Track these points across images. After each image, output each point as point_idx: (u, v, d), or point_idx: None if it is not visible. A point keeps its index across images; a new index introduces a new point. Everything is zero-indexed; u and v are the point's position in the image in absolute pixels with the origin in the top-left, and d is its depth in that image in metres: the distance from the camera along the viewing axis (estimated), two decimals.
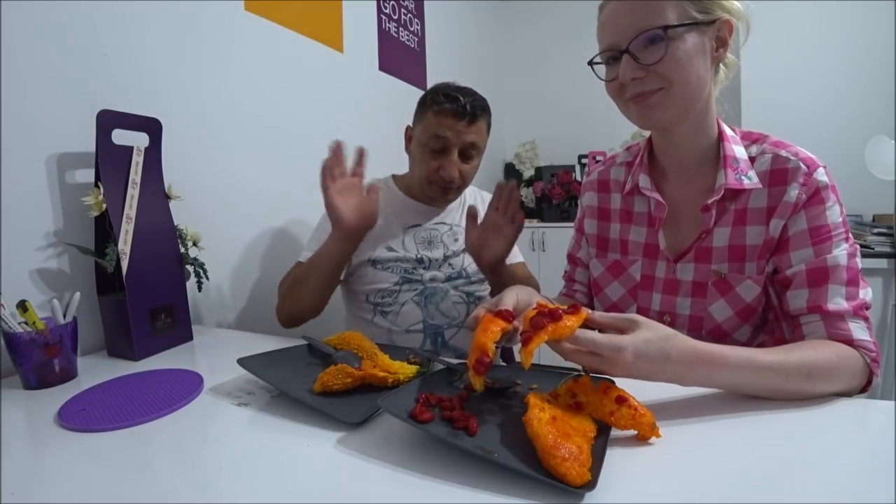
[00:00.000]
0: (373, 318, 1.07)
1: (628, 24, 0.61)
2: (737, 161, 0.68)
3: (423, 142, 1.02)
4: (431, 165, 1.02)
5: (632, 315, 0.53)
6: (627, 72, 0.62)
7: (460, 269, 1.10)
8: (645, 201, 0.77)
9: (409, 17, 1.96)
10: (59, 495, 0.42)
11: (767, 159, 0.67)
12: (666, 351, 0.50)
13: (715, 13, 0.62)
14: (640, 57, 0.62)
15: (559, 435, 0.42)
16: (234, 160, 1.18)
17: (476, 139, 1.02)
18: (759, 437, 0.49)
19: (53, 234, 0.82)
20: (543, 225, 2.53)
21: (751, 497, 0.38)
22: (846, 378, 0.57)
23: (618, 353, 0.48)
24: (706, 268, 0.71)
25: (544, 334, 0.48)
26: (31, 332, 0.67)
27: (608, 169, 0.85)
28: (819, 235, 0.63)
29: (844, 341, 0.60)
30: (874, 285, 1.74)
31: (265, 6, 1.25)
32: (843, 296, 0.61)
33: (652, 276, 0.76)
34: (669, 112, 0.65)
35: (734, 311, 0.69)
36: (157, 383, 0.67)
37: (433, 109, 1.00)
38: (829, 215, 0.63)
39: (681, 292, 0.73)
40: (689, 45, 0.61)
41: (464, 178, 1.05)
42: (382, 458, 0.46)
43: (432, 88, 1.04)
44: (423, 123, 1.03)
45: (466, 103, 0.98)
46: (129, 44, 0.93)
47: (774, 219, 0.65)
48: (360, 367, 0.63)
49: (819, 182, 0.64)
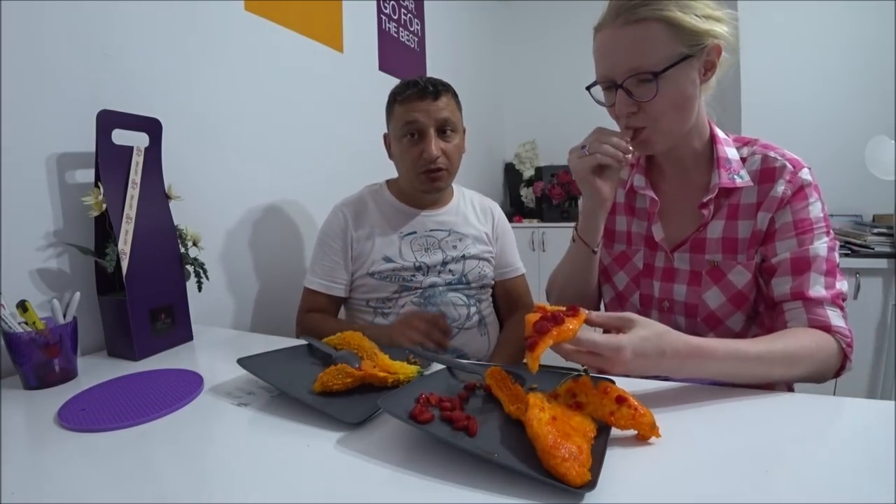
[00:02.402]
0: (373, 320, 1.07)
1: (623, 60, 0.66)
2: (729, 161, 0.74)
3: (399, 134, 1.03)
4: (413, 153, 1.02)
5: (627, 314, 0.56)
6: (623, 107, 0.68)
7: (461, 274, 1.09)
8: (644, 198, 0.82)
9: (409, 17, 1.96)
10: (59, 495, 0.42)
11: (757, 160, 0.73)
12: (661, 347, 0.54)
13: (704, 42, 0.65)
14: (634, 93, 0.67)
15: (559, 435, 0.42)
16: (234, 160, 1.18)
17: (448, 115, 1.02)
18: (759, 437, 0.49)
19: (53, 234, 0.82)
20: (543, 225, 2.53)
21: (751, 497, 0.38)
22: (823, 363, 0.62)
23: (617, 352, 0.51)
24: (701, 258, 0.76)
25: (549, 338, 0.49)
26: (31, 332, 0.68)
27: None
28: (802, 227, 0.69)
29: (822, 327, 0.64)
30: (874, 285, 1.76)
31: (265, 6, 1.25)
32: (823, 284, 0.66)
33: (652, 265, 0.82)
34: (659, 144, 0.72)
35: (727, 297, 0.74)
36: (157, 383, 0.67)
37: (398, 101, 1.02)
38: (811, 210, 0.69)
39: (678, 280, 0.78)
40: (680, 80, 0.66)
41: (448, 157, 1.04)
42: (382, 458, 0.46)
43: (393, 89, 1.06)
44: (393, 120, 1.04)
45: (426, 83, 1.01)
46: (129, 44, 0.93)
47: (762, 212, 0.71)
48: (360, 367, 0.63)
49: (803, 180, 0.70)
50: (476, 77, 2.60)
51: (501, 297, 1.20)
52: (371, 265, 1.05)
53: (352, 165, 1.58)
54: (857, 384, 1.79)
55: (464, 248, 1.10)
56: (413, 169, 1.03)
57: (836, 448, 0.46)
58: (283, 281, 1.33)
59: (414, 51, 2.00)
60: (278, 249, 1.32)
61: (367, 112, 1.65)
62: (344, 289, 1.08)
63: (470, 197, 1.21)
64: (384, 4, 1.79)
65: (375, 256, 1.05)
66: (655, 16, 0.63)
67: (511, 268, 1.20)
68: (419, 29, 2.04)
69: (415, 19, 2.01)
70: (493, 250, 1.17)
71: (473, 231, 1.14)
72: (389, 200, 1.12)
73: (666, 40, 0.64)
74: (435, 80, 1.02)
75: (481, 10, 2.69)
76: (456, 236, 1.11)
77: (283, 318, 1.31)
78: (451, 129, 1.04)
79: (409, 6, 1.97)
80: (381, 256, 1.06)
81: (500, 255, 1.18)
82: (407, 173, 1.05)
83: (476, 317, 1.09)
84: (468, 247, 1.11)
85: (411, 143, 1.02)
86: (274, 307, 1.29)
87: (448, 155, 1.04)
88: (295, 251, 1.39)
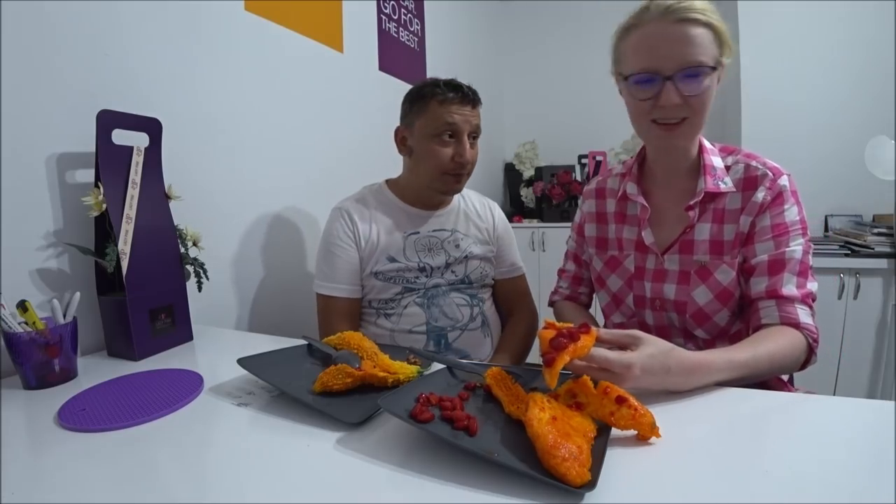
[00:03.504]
0: (375, 321, 1.07)
1: (675, 54, 0.69)
2: (714, 169, 0.80)
3: (432, 133, 1.02)
4: (445, 154, 1.02)
5: (634, 332, 0.60)
6: (673, 97, 0.70)
7: (463, 275, 1.09)
8: (635, 205, 0.87)
9: (409, 17, 1.96)
10: (59, 495, 0.42)
11: (741, 168, 0.79)
12: (667, 364, 0.57)
13: (726, 59, 0.73)
14: (681, 87, 0.70)
15: (559, 435, 0.42)
16: (234, 160, 1.18)
17: (479, 123, 1.06)
18: (759, 437, 0.49)
19: (53, 234, 0.82)
20: (543, 225, 2.53)
21: (751, 497, 0.38)
22: (795, 360, 0.69)
23: (627, 369, 0.54)
24: (689, 258, 0.81)
25: (567, 354, 0.51)
26: (31, 332, 0.67)
27: (605, 179, 0.97)
28: (778, 231, 0.75)
29: (792, 323, 0.71)
30: (874, 285, 1.76)
31: (265, 6, 1.25)
32: (795, 284, 0.72)
33: (643, 268, 0.86)
34: (687, 139, 0.77)
35: (714, 294, 0.79)
36: (157, 383, 0.67)
37: (437, 100, 1.01)
38: (787, 215, 0.75)
39: (668, 280, 0.83)
40: (714, 82, 0.72)
41: (472, 162, 1.07)
42: (382, 458, 0.46)
43: (427, 83, 1.05)
44: (426, 116, 1.03)
45: (468, 90, 1.03)
46: (129, 44, 0.93)
47: (744, 215, 0.77)
48: (360, 367, 0.63)
49: (781, 186, 0.76)
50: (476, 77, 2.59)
51: (501, 297, 1.20)
52: (375, 265, 1.05)
53: (351, 164, 1.58)
54: (857, 384, 1.79)
55: (466, 249, 1.10)
56: (439, 168, 1.03)
57: (836, 448, 0.46)
58: (284, 281, 1.33)
59: (414, 51, 2.00)
60: (279, 249, 1.32)
61: (367, 112, 1.65)
62: (361, 289, 1.08)
63: (469, 196, 1.21)
64: (384, 4, 1.79)
65: (379, 256, 1.05)
66: (704, 20, 0.69)
67: (511, 267, 1.20)
68: (419, 29, 2.04)
69: (415, 19, 2.01)
70: (493, 249, 1.17)
71: (475, 230, 1.14)
72: (392, 200, 1.11)
73: (710, 44, 0.70)
74: (472, 88, 1.05)
75: (481, 10, 2.69)
76: (458, 236, 1.11)
77: (284, 318, 1.31)
78: (477, 136, 1.07)
79: (409, 6, 1.97)
80: (385, 257, 1.05)
81: (501, 254, 1.19)
82: (431, 172, 1.05)
83: (479, 317, 1.10)
84: (470, 246, 1.11)
85: (444, 143, 1.03)
86: (274, 307, 1.29)
87: (472, 160, 1.06)
88: (295, 250, 1.39)
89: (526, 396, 0.52)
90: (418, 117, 1.04)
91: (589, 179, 2.55)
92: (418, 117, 1.04)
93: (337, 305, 1.05)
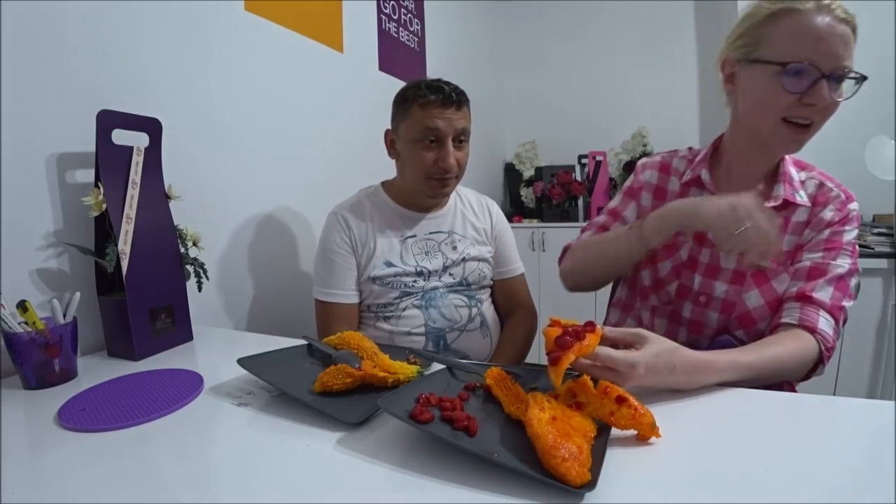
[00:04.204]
0: (374, 324, 1.07)
1: (837, 53, 0.65)
2: (793, 179, 0.80)
3: (414, 137, 1.00)
4: (428, 158, 1.00)
5: (639, 330, 0.60)
6: (825, 97, 0.66)
7: (461, 278, 1.09)
8: (701, 193, 0.84)
9: (409, 17, 1.96)
10: (59, 495, 0.42)
11: (813, 185, 0.80)
12: (672, 363, 0.56)
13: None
14: (830, 88, 0.67)
15: (559, 435, 0.42)
16: (234, 160, 1.18)
17: (465, 125, 1.02)
18: (759, 437, 0.49)
19: (53, 234, 0.82)
20: (543, 225, 2.53)
21: (751, 497, 0.38)
22: (802, 364, 0.68)
23: (632, 368, 0.54)
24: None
25: (572, 353, 0.51)
26: (31, 332, 0.68)
27: (671, 157, 0.93)
28: (831, 245, 0.75)
29: (808, 327, 0.69)
30: (874, 285, 1.76)
31: (265, 6, 1.25)
32: (829, 295, 0.71)
33: (697, 259, 0.84)
34: (803, 145, 0.73)
35: (766, 300, 0.77)
36: (157, 383, 0.67)
37: (419, 103, 0.99)
38: (846, 235, 0.76)
39: (720, 277, 0.81)
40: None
41: (460, 166, 1.04)
42: (382, 458, 0.46)
43: (411, 85, 1.03)
44: (409, 120, 1.01)
45: (451, 91, 0.99)
46: (129, 44, 0.93)
47: (808, 230, 0.78)
48: (360, 367, 0.63)
49: (850, 210, 0.77)
50: (476, 77, 2.60)
51: (500, 296, 1.20)
52: (372, 269, 1.04)
53: (351, 165, 1.58)
54: (857, 384, 1.79)
55: (463, 250, 1.10)
56: (423, 173, 1.02)
57: (836, 448, 0.46)
58: (284, 281, 1.33)
59: (414, 51, 2.00)
60: (278, 249, 1.32)
61: (367, 112, 1.65)
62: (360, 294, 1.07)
63: (466, 195, 1.20)
64: (384, 4, 1.79)
65: (376, 261, 1.05)
66: (853, 25, 0.66)
67: (510, 267, 1.19)
68: (419, 29, 2.04)
69: (415, 19, 2.01)
70: (492, 250, 1.17)
71: (472, 231, 1.14)
72: (387, 203, 1.11)
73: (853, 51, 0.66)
74: (457, 89, 1.01)
75: (481, 10, 2.69)
76: (455, 238, 1.11)
77: (284, 319, 1.31)
78: (464, 139, 1.04)
79: (409, 6, 1.97)
80: (383, 261, 1.05)
81: (499, 253, 1.18)
82: (415, 177, 1.04)
83: (478, 318, 1.09)
84: (467, 248, 1.11)
85: (427, 147, 1.00)
86: (274, 307, 1.29)
87: (459, 163, 1.04)
88: (295, 250, 1.39)
89: (526, 396, 0.52)
90: (402, 121, 1.03)
91: (589, 180, 2.55)
92: (402, 121, 1.03)
93: (336, 311, 1.05)
